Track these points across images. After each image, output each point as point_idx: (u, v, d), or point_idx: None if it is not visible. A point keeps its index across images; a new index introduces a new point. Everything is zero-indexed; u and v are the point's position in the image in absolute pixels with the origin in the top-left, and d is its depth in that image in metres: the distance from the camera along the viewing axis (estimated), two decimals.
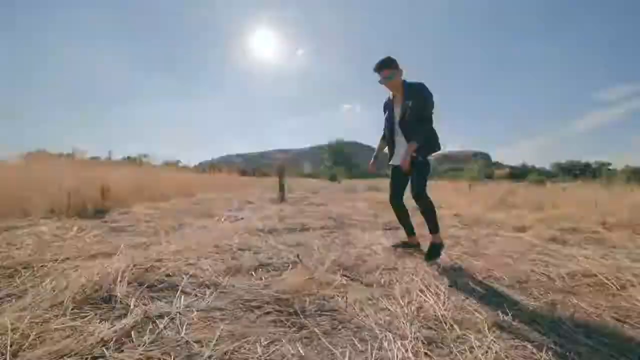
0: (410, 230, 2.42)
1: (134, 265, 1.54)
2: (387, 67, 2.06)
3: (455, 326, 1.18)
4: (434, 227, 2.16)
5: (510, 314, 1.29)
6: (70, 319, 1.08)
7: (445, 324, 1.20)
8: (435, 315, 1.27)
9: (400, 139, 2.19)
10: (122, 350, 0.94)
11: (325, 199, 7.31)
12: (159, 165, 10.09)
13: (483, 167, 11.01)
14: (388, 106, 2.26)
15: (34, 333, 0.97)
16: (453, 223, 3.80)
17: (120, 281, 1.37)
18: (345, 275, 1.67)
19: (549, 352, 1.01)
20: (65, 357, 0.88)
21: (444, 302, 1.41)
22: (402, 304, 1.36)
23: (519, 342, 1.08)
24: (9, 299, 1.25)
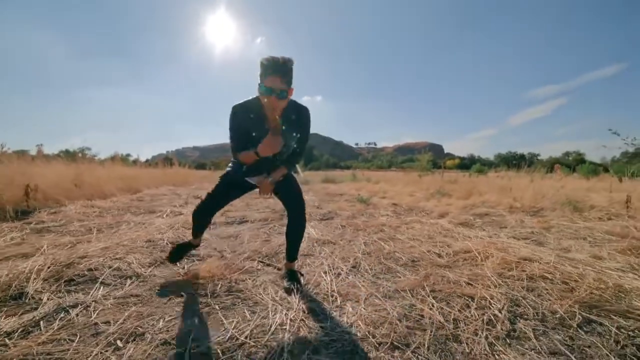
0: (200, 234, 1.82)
1: (52, 263, 1.60)
2: (284, 74, 1.38)
3: (339, 298, 1.46)
4: (296, 253, 1.72)
5: (390, 287, 1.61)
6: None
7: (332, 297, 1.47)
8: (327, 291, 1.54)
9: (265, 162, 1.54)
10: (27, 338, 1.05)
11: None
12: (102, 160, 9.42)
13: (431, 158, 12.01)
14: (256, 119, 1.49)
15: None
16: (386, 212, 4.21)
17: (35, 279, 1.44)
18: (262, 262, 1.88)
19: (396, 312, 1.32)
20: None
21: (341, 281, 1.70)
22: (302, 283, 1.61)
23: (383, 307, 1.38)
24: None
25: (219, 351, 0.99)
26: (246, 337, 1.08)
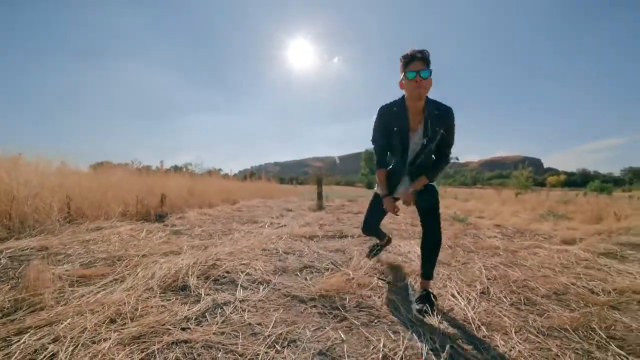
0: (384, 235, 2.22)
1: (198, 263, 1.85)
2: (424, 59, 1.43)
3: (483, 327, 1.28)
4: (432, 270, 1.59)
5: (540, 322, 1.35)
6: (161, 300, 1.38)
7: (473, 324, 1.30)
8: (465, 317, 1.37)
9: (405, 175, 1.67)
10: (201, 326, 1.20)
11: (362, 207, 7.43)
12: (202, 174, 11.01)
13: (531, 174, 10.08)
14: (398, 119, 1.56)
15: (140, 307, 1.27)
16: (493, 234, 3.71)
17: (191, 275, 1.67)
18: (381, 279, 1.82)
19: (572, 356, 1.07)
20: (165, 325, 1.17)
21: (474, 307, 1.50)
22: (435, 305, 1.48)
23: (544, 345, 1.15)
24: (115, 282, 1.60)
25: None
26: (400, 359, 1.02)
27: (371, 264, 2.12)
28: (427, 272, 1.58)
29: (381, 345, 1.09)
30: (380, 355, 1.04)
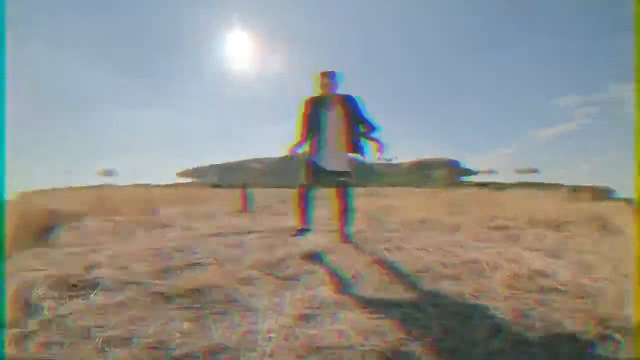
0: (310, 221, 2.61)
1: (61, 271, 1.66)
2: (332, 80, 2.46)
3: (334, 306, 1.42)
4: (350, 225, 2.73)
5: (385, 295, 1.56)
6: None
7: (327, 305, 1.44)
8: (322, 299, 1.50)
9: (331, 146, 2.43)
10: (28, 342, 1.08)
11: (285, 208, 7.49)
12: (126, 185, 9.90)
13: (448, 174, 11.71)
14: (320, 104, 2.46)
15: None
16: (396, 227, 4.12)
17: (41, 286, 1.50)
18: (263, 272, 1.88)
19: (390, 320, 1.27)
20: None
21: (339, 289, 1.66)
22: (300, 291, 1.59)
23: (378, 315, 1.33)
24: None
25: (200, 356, 0.99)
26: (233, 343, 1.07)
27: (258, 257, 2.17)
28: (346, 225, 2.70)
29: (220, 333, 1.14)
30: (215, 342, 1.08)
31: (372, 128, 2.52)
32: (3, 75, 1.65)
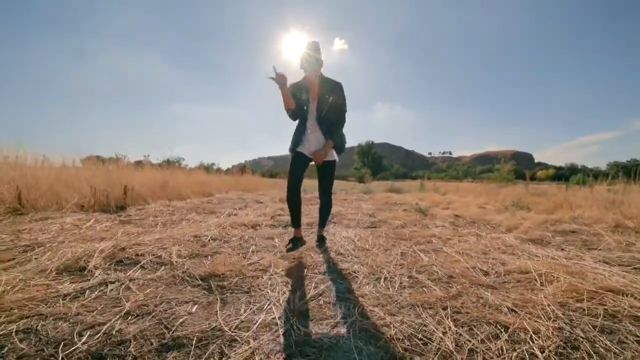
0: (299, 222, 2.34)
1: (114, 247, 1.93)
2: (314, 48, 2.10)
3: (341, 306, 1.36)
4: (324, 223, 2.53)
5: (404, 301, 1.44)
6: (48, 280, 1.46)
7: (330, 302, 1.38)
8: (333, 297, 1.45)
9: (313, 132, 2.21)
10: (73, 301, 1.28)
11: (335, 199, 7.52)
12: (192, 169, 11.09)
13: (513, 168, 10.16)
14: (303, 90, 2.19)
15: (18, 286, 1.35)
16: (442, 223, 3.79)
17: (98, 257, 1.76)
18: (284, 262, 1.90)
19: (399, 329, 1.16)
20: (34, 301, 1.25)
21: (357, 288, 1.59)
22: (309, 286, 1.57)
23: (386, 322, 1.23)
24: (18, 265, 1.68)
25: (195, 338, 1.03)
26: (230, 329, 1.10)
27: (285, 249, 2.21)
28: (322, 223, 2.54)
29: (222, 318, 1.18)
30: (214, 325, 1.12)
31: (338, 124, 2.25)
32: None
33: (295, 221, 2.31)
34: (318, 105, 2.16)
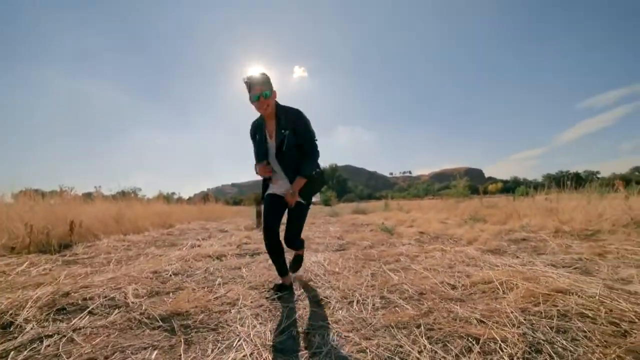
0: (285, 269, 2.03)
1: (54, 293, 1.68)
2: (263, 82, 1.75)
3: (315, 335, 1.31)
4: (299, 265, 2.30)
5: (379, 323, 1.42)
6: None
7: (308, 332, 1.33)
8: (306, 325, 1.39)
9: (279, 171, 1.91)
10: None
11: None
12: (150, 199, 10.33)
13: (467, 183, 11.08)
14: (258, 129, 1.91)
15: None
16: (409, 241, 3.91)
17: (31, 307, 1.51)
18: (253, 292, 1.80)
19: (375, 353, 1.14)
20: None
21: (331, 314, 1.54)
22: (281, 317, 1.49)
23: (363, 347, 1.20)
24: None
25: None
26: None
27: (251, 280, 2.11)
28: (294, 267, 2.26)
29: None
30: None
31: (307, 155, 1.88)
32: None
33: (281, 270, 2.00)
34: (276, 141, 1.84)
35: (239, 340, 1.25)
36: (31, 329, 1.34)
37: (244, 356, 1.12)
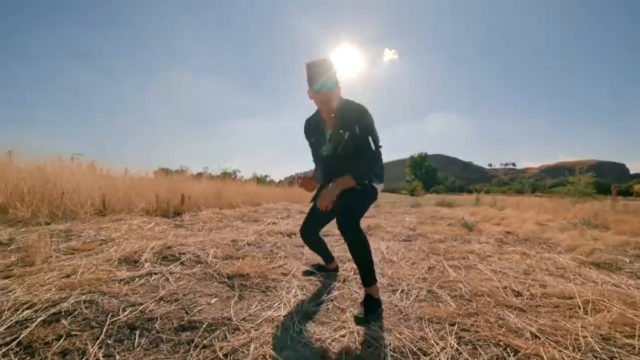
0: (329, 259, 2.01)
1: (162, 245, 2.26)
2: (327, 70, 1.47)
3: (340, 313, 1.40)
4: (367, 276, 1.47)
5: (414, 314, 1.41)
6: (111, 267, 1.80)
7: (338, 308, 1.43)
8: (333, 303, 1.49)
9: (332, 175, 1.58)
10: (125, 285, 1.57)
11: (379, 212, 7.40)
12: (246, 180, 12.01)
13: (592, 180, 8.39)
14: (315, 129, 1.67)
15: (92, 269, 1.70)
16: (487, 240, 3.48)
17: (149, 252, 2.08)
18: (308, 268, 2.01)
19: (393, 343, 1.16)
20: (99, 281, 1.56)
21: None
22: (323, 292, 1.63)
23: (379, 334, 1.24)
24: (94, 254, 2.09)
25: (206, 323, 1.19)
26: (237, 320, 1.24)
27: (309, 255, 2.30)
28: (362, 278, 1.48)
29: (234, 309, 1.32)
30: (224, 315, 1.27)
31: (370, 161, 1.55)
32: None
33: (323, 258, 2.00)
34: (333, 142, 1.57)
35: (279, 303, 1.45)
36: (147, 266, 1.87)
37: (278, 315, 1.31)
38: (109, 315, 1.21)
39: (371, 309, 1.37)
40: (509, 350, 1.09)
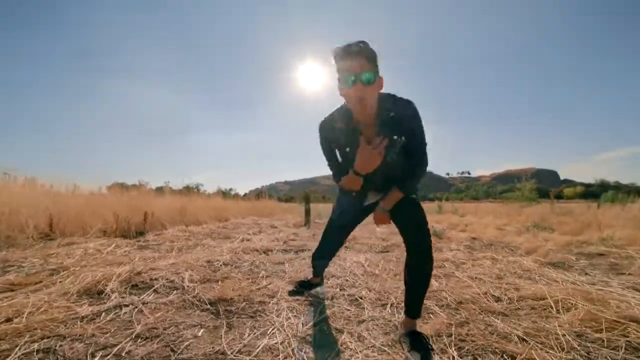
0: (322, 273, 1.96)
1: (130, 271, 2.03)
2: (364, 58, 1.10)
3: (335, 334, 1.36)
4: (420, 306, 1.32)
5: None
6: (69, 303, 1.56)
7: (334, 328, 1.39)
8: (327, 325, 1.45)
9: (373, 187, 1.42)
10: (89, 323, 1.36)
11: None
12: (210, 195, 11.44)
13: (535, 186, 9.63)
14: (347, 134, 1.27)
15: (43, 307, 1.46)
16: (458, 247, 3.68)
17: (115, 280, 1.86)
18: (290, 285, 1.93)
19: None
20: (55, 322, 1.34)
21: (360, 314, 1.58)
22: (314, 312, 1.58)
23: (384, 351, 1.22)
24: (44, 287, 1.80)
25: None
26: (232, 352, 1.13)
27: (291, 274, 2.23)
28: (412, 308, 1.28)
29: (226, 342, 1.21)
30: (217, 349, 1.16)
31: (419, 168, 1.32)
32: None
33: (316, 271, 1.92)
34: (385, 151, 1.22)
35: (273, 329, 1.37)
36: (115, 298, 1.66)
37: (275, 343, 1.23)
38: None
39: (427, 347, 1.15)
40: (506, 357, 1.14)
